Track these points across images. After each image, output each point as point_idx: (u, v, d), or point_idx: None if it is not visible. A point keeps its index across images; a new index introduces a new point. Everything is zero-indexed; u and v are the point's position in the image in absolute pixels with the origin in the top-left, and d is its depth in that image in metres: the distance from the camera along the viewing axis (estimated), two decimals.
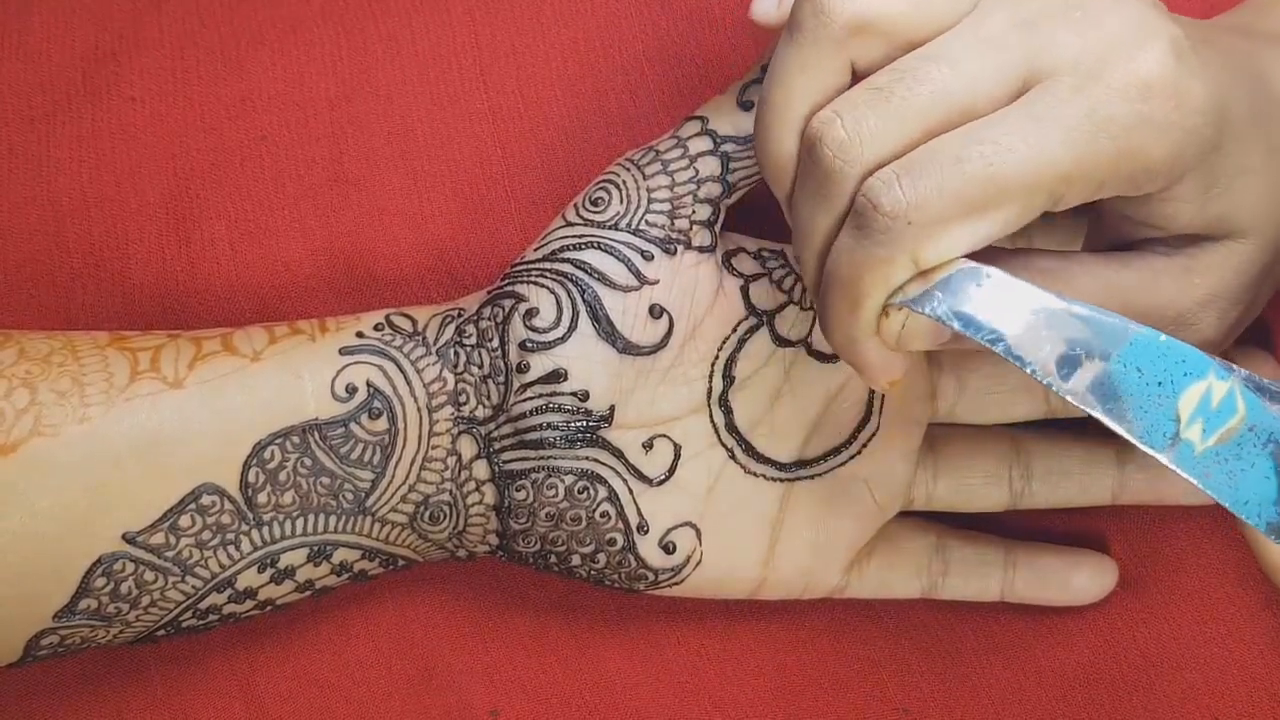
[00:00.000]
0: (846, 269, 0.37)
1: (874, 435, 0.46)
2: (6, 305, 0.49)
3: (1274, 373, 0.46)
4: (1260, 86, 0.40)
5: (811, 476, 0.46)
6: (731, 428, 0.45)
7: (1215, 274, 0.40)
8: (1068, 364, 0.36)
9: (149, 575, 0.43)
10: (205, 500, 0.43)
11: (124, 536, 0.42)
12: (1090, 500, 0.47)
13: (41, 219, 0.49)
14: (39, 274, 0.49)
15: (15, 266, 0.49)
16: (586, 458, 0.44)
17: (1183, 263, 0.40)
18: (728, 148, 0.45)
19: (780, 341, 0.45)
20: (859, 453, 0.46)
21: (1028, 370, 0.36)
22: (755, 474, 0.45)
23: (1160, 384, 0.35)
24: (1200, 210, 0.39)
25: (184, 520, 0.42)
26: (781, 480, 0.45)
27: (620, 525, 0.44)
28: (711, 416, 0.45)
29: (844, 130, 0.37)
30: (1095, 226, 0.42)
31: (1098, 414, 0.35)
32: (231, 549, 0.43)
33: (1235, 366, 0.36)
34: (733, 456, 0.45)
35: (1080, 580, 0.47)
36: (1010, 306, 0.36)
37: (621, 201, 0.45)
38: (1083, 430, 0.47)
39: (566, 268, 0.44)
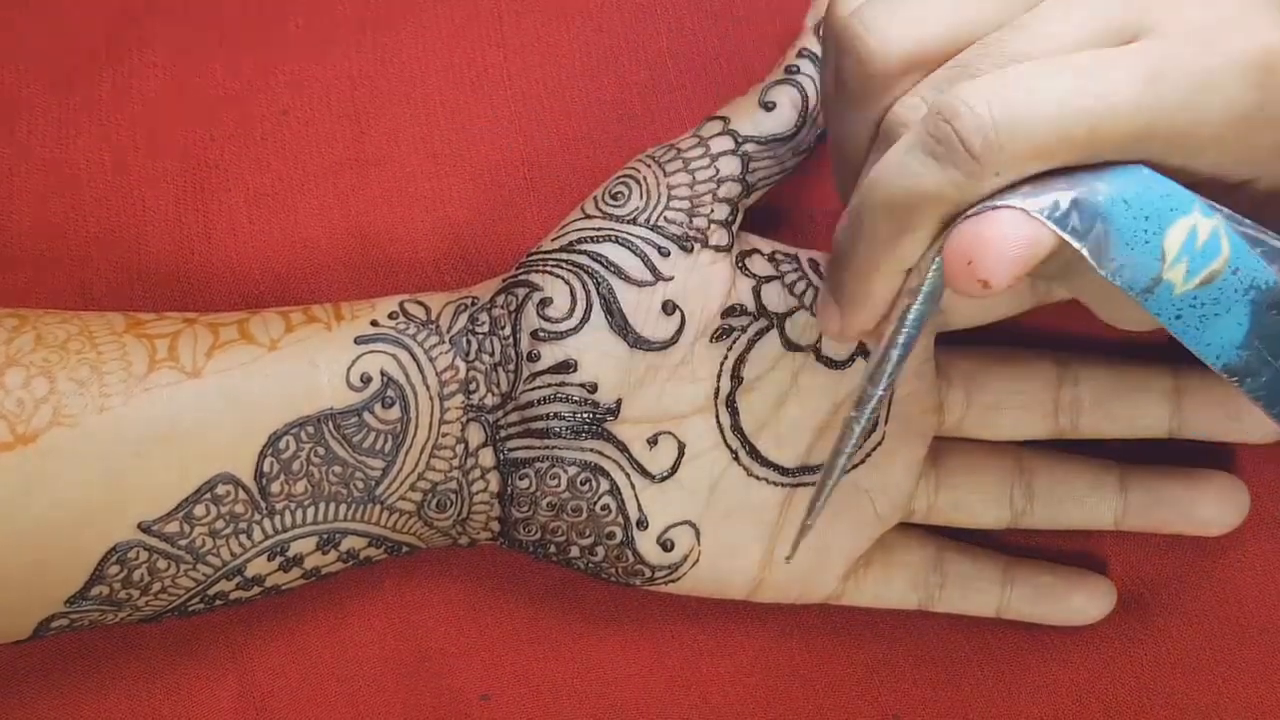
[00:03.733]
0: (903, 192, 0.34)
1: (879, 445, 0.46)
2: (22, 268, 0.49)
3: None
4: None
5: (814, 483, 0.46)
6: (737, 429, 0.45)
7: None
8: (1055, 202, 0.33)
9: (161, 563, 0.43)
10: (220, 490, 0.43)
11: (139, 525, 0.42)
12: (1092, 524, 0.47)
13: (60, 182, 0.49)
14: (55, 237, 0.49)
15: (32, 228, 0.49)
16: (590, 449, 0.44)
17: None
18: (748, 148, 0.45)
19: (790, 346, 0.45)
20: (863, 462, 0.46)
21: (1027, 207, 0.33)
22: (758, 477, 0.45)
23: (1148, 218, 0.33)
24: (1269, 206, 0.37)
25: (199, 509, 0.42)
26: (784, 485, 0.46)
27: (620, 519, 0.44)
28: (718, 417, 0.45)
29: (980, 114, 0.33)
30: None
31: (1081, 249, 0.33)
32: (243, 537, 0.43)
33: (1219, 206, 0.34)
34: (736, 458, 0.45)
35: (1078, 601, 0.47)
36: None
37: (641, 197, 0.45)
38: (1089, 453, 0.47)
39: (583, 259, 0.44)
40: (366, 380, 0.44)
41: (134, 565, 0.42)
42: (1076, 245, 0.33)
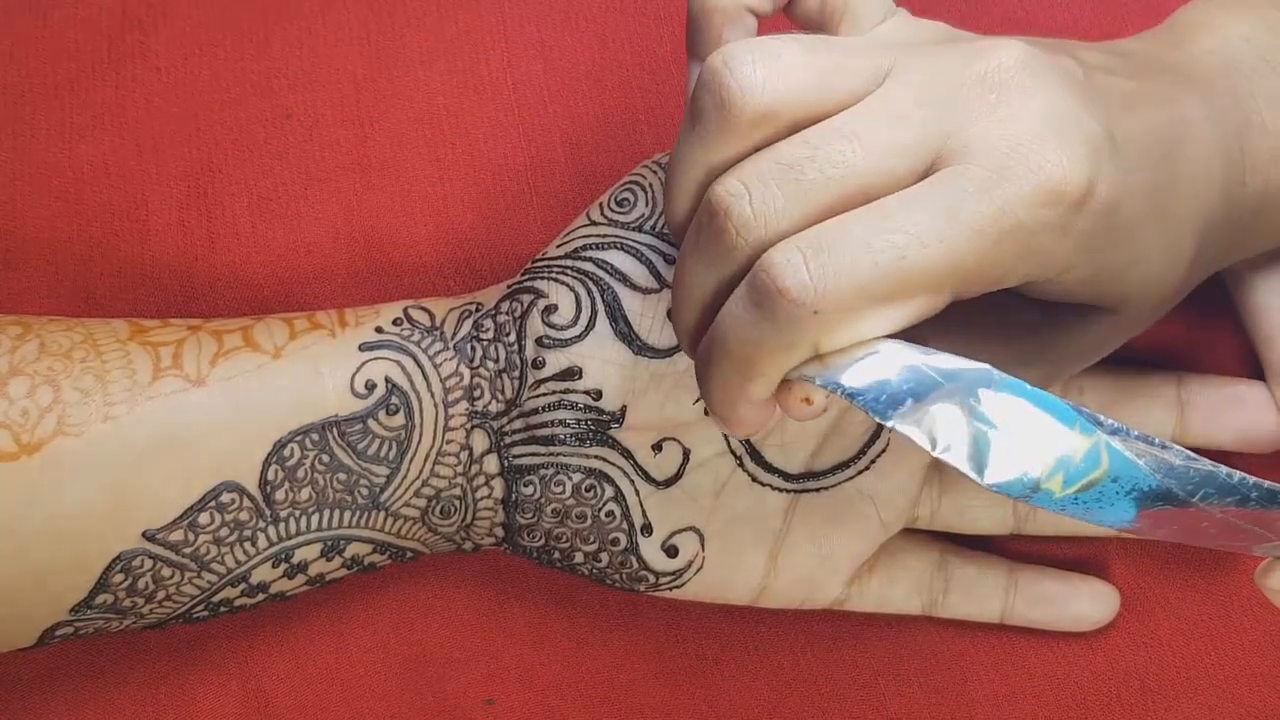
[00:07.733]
0: (739, 345, 0.35)
1: (883, 451, 0.46)
2: (25, 271, 0.49)
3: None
4: (1170, 149, 0.38)
5: (818, 489, 0.46)
6: None
7: (1075, 341, 0.40)
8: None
9: (166, 571, 0.43)
10: (225, 498, 0.43)
11: (144, 534, 0.42)
12: (1095, 531, 0.47)
13: (62, 186, 0.49)
14: (58, 241, 0.49)
15: (35, 232, 0.49)
16: (595, 456, 0.44)
17: (1046, 333, 0.40)
18: None
19: None
20: (867, 468, 0.46)
21: (896, 431, 0.34)
22: (762, 483, 0.45)
23: (1025, 442, 0.34)
24: (1076, 292, 0.38)
25: (203, 518, 0.43)
26: (788, 491, 0.46)
27: (624, 525, 0.45)
28: None
29: (751, 208, 0.35)
30: None
31: (960, 467, 0.34)
32: (248, 545, 0.43)
33: (1104, 419, 0.35)
34: (741, 464, 0.45)
35: (1081, 606, 0.47)
36: (883, 369, 0.35)
37: (647, 204, 0.45)
38: None
39: (588, 266, 0.44)
40: (371, 387, 0.44)
41: (139, 574, 0.42)
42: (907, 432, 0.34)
